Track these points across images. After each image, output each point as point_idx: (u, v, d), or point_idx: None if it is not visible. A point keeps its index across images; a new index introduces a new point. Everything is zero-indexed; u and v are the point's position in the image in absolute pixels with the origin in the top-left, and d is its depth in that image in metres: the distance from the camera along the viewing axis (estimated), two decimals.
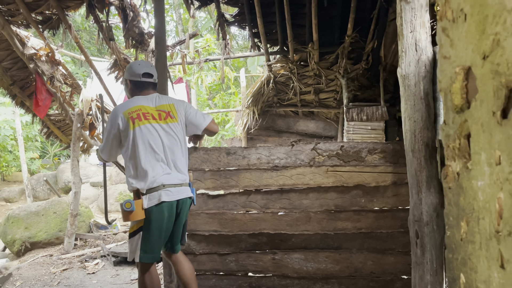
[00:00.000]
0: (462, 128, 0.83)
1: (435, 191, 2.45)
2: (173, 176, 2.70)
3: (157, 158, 2.67)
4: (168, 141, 2.73)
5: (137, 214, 2.66)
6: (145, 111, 2.73)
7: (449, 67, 0.88)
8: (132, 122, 2.69)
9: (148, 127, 2.69)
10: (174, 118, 2.80)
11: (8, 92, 5.45)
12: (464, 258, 0.83)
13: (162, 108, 2.80)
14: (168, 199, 2.63)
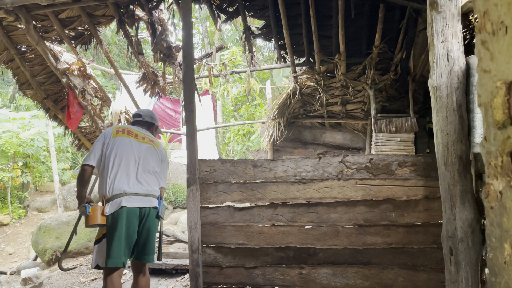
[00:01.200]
0: (505, 145, 0.79)
1: (470, 206, 2.36)
2: (138, 186, 2.98)
3: (126, 169, 2.98)
4: (143, 157, 3.08)
5: (94, 218, 2.89)
6: (130, 130, 3.20)
7: (490, 81, 0.84)
8: (116, 133, 3.12)
9: (126, 140, 3.10)
10: (156, 146, 3.25)
11: (42, 106, 5.63)
12: (508, 282, 0.78)
13: (149, 137, 3.27)
14: (128, 205, 2.88)
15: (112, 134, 3.14)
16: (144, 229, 2.98)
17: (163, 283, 4.89)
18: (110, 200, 2.90)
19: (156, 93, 5.55)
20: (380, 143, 4.71)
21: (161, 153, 3.29)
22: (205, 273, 3.02)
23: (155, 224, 3.05)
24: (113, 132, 3.15)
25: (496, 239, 0.83)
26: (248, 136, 12.15)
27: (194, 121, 3.10)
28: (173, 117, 12.03)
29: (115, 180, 2.93)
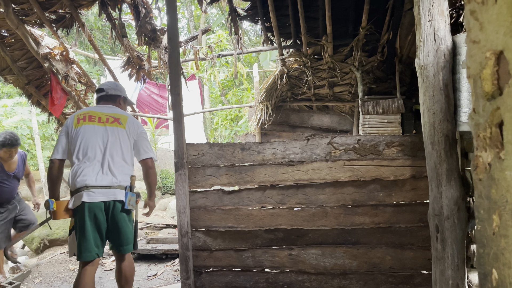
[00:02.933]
0: (494, 116, 0.79)
1: (456, 184, 2.39)
2: (103, 178, 2.84)
3: (90, 158, 2.86)
4: (108, 143, 2.92)
5: (59, 214, 2.88)
6: (93, 114, 3.01)
7: (479, 52, 0.83)
8: (77, 121, 2.96)
9: (88, 127, 2.93)
10: (122, 125, 3.03)
11: (24, 92, 5.51)
12: (496, 253, 0.79)
13: (114, 115, 3.06)
14: (88, 200, 2.77)
15: (73, 123, 2.97)
16: (113, 223, 2.90)
17: (153, 268, 4.90)
18: (73, 194, 2.85)
19: (141, 77, 5.47)
20: (368, 125, 4.73)
21: (132, 128, 3.08)
22: (195, 256, 3.03)
23: (123, 217, 2.93)
24: (75, 122, 2.97)
25: (484, 211, 0.83)
26: (236, 121, 12.12)
27: (180, 104, 3.06)
28: (160, 103, 11.91)
29: (77, 174, 2.84)
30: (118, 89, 3.26)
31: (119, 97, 3.25)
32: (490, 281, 0.82)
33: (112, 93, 3.20)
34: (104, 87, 3.21)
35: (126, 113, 3.18)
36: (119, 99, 3.25)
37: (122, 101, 3.28)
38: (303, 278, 2.94)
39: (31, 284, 4.64)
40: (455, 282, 2.41)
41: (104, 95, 3.19)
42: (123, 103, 3.30)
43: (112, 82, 3.32)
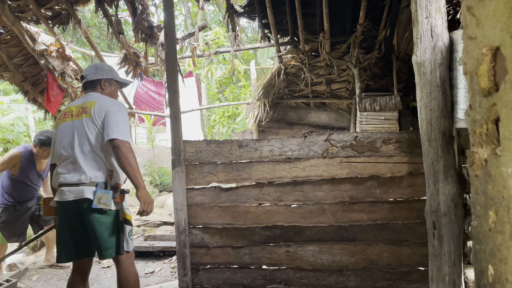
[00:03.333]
0: (490, 112, 0.79)
1: (453, 181, 2.39)
2: (73, 175, 2.63)
3: (64, 157, 2.71)
4: (77, 138, 2.67)
5: (45, 210, 2.87)
6: (68, 110, 2.81)
7: (475, 48, 0.83)
8: (58, 121, 2.85)
9: (62, 125, 2.77)
10: (88, 113, 2.68)
11: (20, 89, 5.49)
12: (493, 249, 0.79)
13: (83, 105, 2.75)
14: (59, 199, 2.67)
15: (56, 124, 2.86)
16: (87, 223, 2.62)
17: (150, 265, 4.90)
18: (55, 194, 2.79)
19: (138, 74, 5.45)
20: (365, 122, 4.73)
21: (97, 111, 2.67)
22: (192, 253, 3.03)
23: (94, 217, 2.58)
24: (56, 122, 2.85)
25: (481, 207, 0.83)
26: (233, 118, 12.11)
27: (177, 101, 3.05)
28: (157, 100, 11.89)
29: (54, 174, 2.75)
30: (99, 72, 2.89)
31: (99, 81, 2.89)
32: (486, 277, 0.82)
33: (92, 78, 2.86)
34: (84, 73, 2.91)
35: (98, 97, 2.77)
36: (100, 84, 2.89)
37: (106, 84, 2.91)
38: (300, 274, 2.94)
39: (28, 281, 4.63)
40: (452, 279, 2.42)
41: (85, 83, 2.89)
42: (107, 85, 2.92)
43: (93, 65, 2.94)
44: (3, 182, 4.38)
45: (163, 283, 4.08)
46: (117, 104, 2.75)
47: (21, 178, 4.32)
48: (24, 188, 4.40)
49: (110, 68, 2.97)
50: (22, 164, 4.27)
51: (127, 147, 2.57)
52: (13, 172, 4.30)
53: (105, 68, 2.95)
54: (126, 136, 2.60)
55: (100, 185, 2.59)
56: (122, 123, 2.62)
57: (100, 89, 2.89)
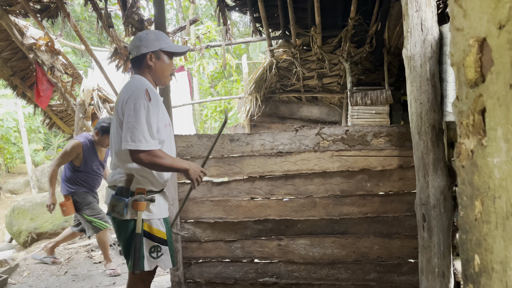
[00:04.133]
0: (477, 103, 0.79)
1: (442, 173, 2.41)
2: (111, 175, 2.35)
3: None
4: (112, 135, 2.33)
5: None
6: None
7: (462, 39, 0.83)
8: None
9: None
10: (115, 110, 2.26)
11: (9, 83, 5.43)
12: (479, 239, 0.80)
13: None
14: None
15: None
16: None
17: None
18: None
19: (129, 68, 5.40)
20: (356, 116, 4.75)
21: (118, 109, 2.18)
22: (184, 248, 3.03)
23: (116, 224, 2.28)
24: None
25: (467, 197, 0.84)
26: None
27: (168, 95, 3.04)
28: None
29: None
30: (143, 44, 2.23)
31: (144, 56, 2.23)
32: (472, 266, 0.83)
33: (135, 54, 2.25)
34: (128, 48, 2.34)
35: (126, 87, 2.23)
36: (145, 60, 2.24)
37: (153, 59, 2.25)
38: (292, 268, 2.96)
39: (19, 277, 4.60)
40: (441, 270, 2.44)
41: (131, 62, 2.34)
42: (155, 60, 2.25)
43: (136, 36, 2.30)
44: (66, 174, 4.25)
45: (155, 278, 4.07)
46: (136, 97, 2.11)
47: (87, 169, 4.21)
48: (92, 178, 4.31)
49: (156, 37, 2.27)
50: (85, 154, 4.15)
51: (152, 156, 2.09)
52: (77, 164, 4.17)
53: (150, 38, 2.25)
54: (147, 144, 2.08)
55: (117, 190, 2.23)
56: (137, 125, 2.07)
57: (147, 68, 2.26)
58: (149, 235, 2.23)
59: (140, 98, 2.10)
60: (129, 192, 2.20)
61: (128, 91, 2.16)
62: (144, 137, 2.07)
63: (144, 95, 2.11)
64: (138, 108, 2.08)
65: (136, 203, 2.17)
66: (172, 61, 2.35)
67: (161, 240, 2.26)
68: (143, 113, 2.08)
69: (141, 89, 2.13)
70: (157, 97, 2.22)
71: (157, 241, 2.25)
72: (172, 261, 2.31)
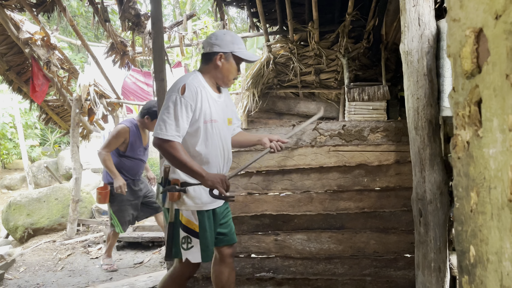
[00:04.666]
0: (473, 94, 0.79)
1: (439, 168, 2.42)
2: None
3: None
4: None
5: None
6: None
7: (459, 30, 0.83)
8: None
9: None
10: None
11: (5, 78, 5.39)
12: (474, 230, 0.80)
13: None
14: None
15: None
16: None
17: (139, 256, 4.89)
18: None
19: (125, 64, 5.38)
20: (353, 111, 4.75)
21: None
22: None
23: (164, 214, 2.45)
24: None
25: (462, 189, 0.84)
26: None
27: (165, 90, 3.02)
28: (145, 91, 11.78)
29: None
30: (218, 42, 2.29)
31: (215, 55, 2.30)
32: (468, 258, 0.83)
33: (208, 50, 2.32)
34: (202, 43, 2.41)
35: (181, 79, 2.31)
36: (215, 58, 2.30)
37: (223, 60, 2.30)
38: (288, 263, 2.96)
39: (16, 272, 4.59)
40: (437, 265, 2.45)
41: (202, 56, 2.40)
42: (224, 61, 2.30)
43: (213, 33, 2.36)
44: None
45: (152, 273, 4.08)
46: (171, 90, 2.25)
47: (132, 154, 4.14)
48: (136, 163, 4.23)
49: (232, 39, 2.31)
50: (131, 139, 4.08)
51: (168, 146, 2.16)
52: (123, 149, 4.09)
53: (226, 39, 2.30)
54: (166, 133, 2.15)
55: (160, 179, 2.40)
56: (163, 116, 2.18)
57: (214, 66, 2.31)
58: (182, 225, 2.30)
59: (174, 91, 2.21)
60: (167, 181, 2.31)
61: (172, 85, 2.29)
62: (165, 127, 2.15)
63: (178, 89, 2.20)
64: (168, 100, 2.20)
65: (170, 193, 2.27)
66: (239, 66, 2.39)
67: (193, 232, 2.29)
68: (171, 105, 2.18)
69: (179, 84, 2.23)
70: (199, 94, 2.24)
71: (188, 232, 2.30)
72: (202, 256, 2.31)
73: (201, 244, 2.30)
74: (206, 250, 2.32)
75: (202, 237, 2.31)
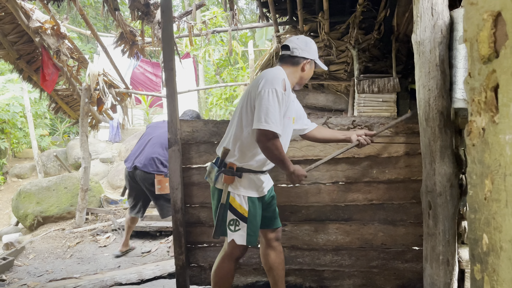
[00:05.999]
0: (489, 79, 0.77)
1: (449, 161, 2.39)
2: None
3: None
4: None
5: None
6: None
7: (476, 14, 0.81)
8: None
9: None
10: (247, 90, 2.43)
11: (15, 67, 5.42)
12: (488, 218, 0.79)
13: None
14: None
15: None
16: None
17: (147, 245, 4.93)
18: None
19: (135, 53, 5.38)
20: (363, 103, 4.71)
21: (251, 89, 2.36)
22: (188, 232, 3.04)
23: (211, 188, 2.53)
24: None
25: (476, 176, 0.83)
26: (231, 100, 12.04)
27: (174, 80, 3.02)
28: (154, 81, 11.81)
29: None
30: (307, 49, 2.46)
31: (303, 60, 2.45)
32: (480, 246, 0.82)
33: (299, 54, 2.44)
34: (290, 44, 2.47)
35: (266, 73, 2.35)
36: (303, 63, 2.46)
37: (307, 66, 2.47)
38: (296, 253, 2.96)
39: (25, 259, 4.66)
40: (446, 258, 2.44)
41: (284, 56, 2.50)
42: (308, 68, 2.48)
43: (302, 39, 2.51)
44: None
45: (160, 262, 4.11)
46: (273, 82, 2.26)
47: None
48: None
49: (316, 49, 2.54)
50: None
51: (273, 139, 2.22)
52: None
53: (313, 48, 2.50)
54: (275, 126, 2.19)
55: (216, 159, 2.47)
56: (271, 108, 2.20)
57: (300, 70, 2.46)
58: (231, 208, 2.39)
59: (278, 85, 2.25)
60: (223, 163, 2.39)
61: (267, 76, 2.30)
62: (275, 121, 2.20)
63: (281, 83, 2.26)
64: (274, 93, 2.23)
65: (225, 175, 2.37)
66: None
67: (242, 216, 2.38)
68: (276, 99, 2.23)
69: (280, 78, 2.28)
70: (290, 91, 2.38)
71: (237, 215, 2.38)
72: (248, 239, 2.39)
73: (248, 229, 2.39)
74: (252, 234, 2.40)
75: (250, 222, 2.39)
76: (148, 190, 4.27)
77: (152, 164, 4.20)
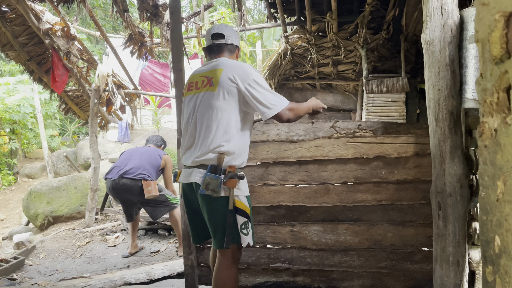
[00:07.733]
0: (502, 80, 0.77)
1: (459, 161, 2.37)
2: (190, 155, 2.36)
3: (188, 134, 2.40)
4: (198, 114, 2.33)
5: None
6: (192, 81, 2.43)
7: (488, 14, 0.81)
8: (185, 90, 2.51)
9: (187, 99, 2.43)
10: (213, 86, 2.27)
11: (26, 68, 5.49)
12: (500, 220, 0.78)
13: (208, 74, 2.33)
14: (181, 180, 2.45)
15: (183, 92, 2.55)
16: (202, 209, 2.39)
17: (156, 245, 4.96)
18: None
19: (143, 54, 5.42)
20: (371, 104, 4.69)
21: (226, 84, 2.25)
22: None
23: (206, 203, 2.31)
24: (184, 90, 2.54)
25: (489, 177, 0.82)
26: None
27: (183, 81, 3.03)
28: (162, 82, 11.86)
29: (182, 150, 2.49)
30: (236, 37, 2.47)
31: (236, 48, 2.48)
32: (492, 248, 0.82)
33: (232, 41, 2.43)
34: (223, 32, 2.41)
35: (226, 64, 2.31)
36: (237, 51, 2.49)
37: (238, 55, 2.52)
38: (304, 254, 2.96)
39: (36, 259, 4.71)
40: (456, 259, 2.42)
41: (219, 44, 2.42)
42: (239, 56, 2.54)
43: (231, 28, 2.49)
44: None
45: (168, 262, 4.13)
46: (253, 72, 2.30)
47: None
48: None
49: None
50: None
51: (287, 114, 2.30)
52: None
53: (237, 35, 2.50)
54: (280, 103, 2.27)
55: (209, 168, 2.26)
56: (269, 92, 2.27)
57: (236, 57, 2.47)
58: (241, 211, 2.32)
59: (257, 71, 2.34)
60: (221, 170, 2.27)
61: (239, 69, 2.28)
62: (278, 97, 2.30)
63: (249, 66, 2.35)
64: (262, 79, 2.32)
65: (230, 180, 2.25)
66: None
67: (248, 217, 2.36)
68: (263, 80, 2.32)
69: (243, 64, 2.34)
70: None
71: (246, 217, 2.34)
72: (253, 238, 2.39)
73: (252, 228, 2.38)
74: (254, 232, 2.41)
75: (252, 221, 2.39)
76: (136, 197, 4.33)
77: (139, 173, 4.33)
